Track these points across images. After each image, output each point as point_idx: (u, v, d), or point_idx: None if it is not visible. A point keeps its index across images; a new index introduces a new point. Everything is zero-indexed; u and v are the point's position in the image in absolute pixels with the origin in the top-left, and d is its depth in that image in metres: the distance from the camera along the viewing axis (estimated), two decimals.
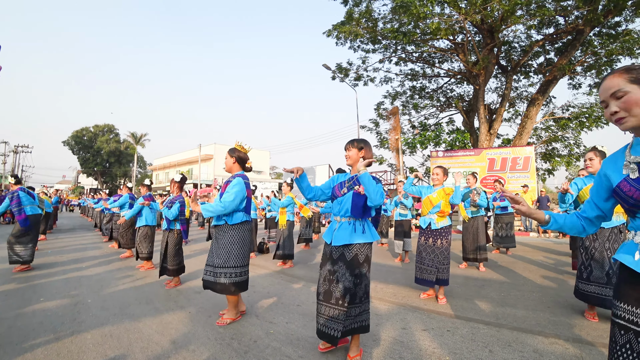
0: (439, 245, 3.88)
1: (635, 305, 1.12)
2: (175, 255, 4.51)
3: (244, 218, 3.18)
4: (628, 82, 1.12)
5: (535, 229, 11.92)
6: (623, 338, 1.14)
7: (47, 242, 8.92)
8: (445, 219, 3.96)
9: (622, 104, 1.13)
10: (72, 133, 46.72)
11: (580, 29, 12.89)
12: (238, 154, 3.27)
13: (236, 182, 3.12)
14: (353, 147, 2.48)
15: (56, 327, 2.99)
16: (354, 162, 2.49)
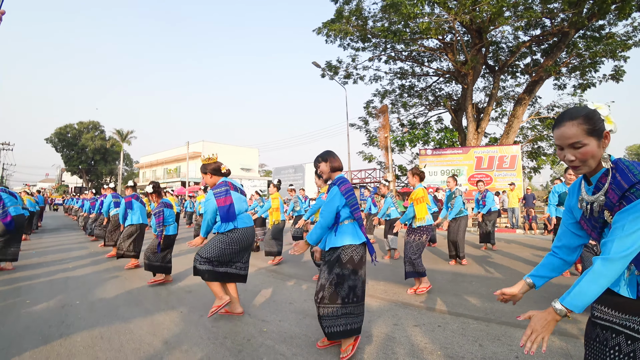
0: (411, 240, 4.18)
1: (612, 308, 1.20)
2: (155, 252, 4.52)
3: (230, 227, 3.21)
4: (586, 135, 1.15)
5: (521, 226, 12.18)
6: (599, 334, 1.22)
7: (30, 243, 8.70)
8: (423, 219, 4.17)
9: (580, 154, 1.17)
10: (55, 130, 45.58)
11: (566, 31, 13.20)
12: (211, 168, 3.35)
13: (206, 197, 3.32)
14: (320, 162, 2.66)
15: (44, 331, 2.93)
16: (327, 174, 2.65)
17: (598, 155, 1.17)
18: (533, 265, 5.83)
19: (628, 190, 1.09)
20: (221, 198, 3.21)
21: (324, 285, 2.42)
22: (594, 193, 1.22)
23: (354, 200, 2.55)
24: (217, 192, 3.24)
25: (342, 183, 2.54)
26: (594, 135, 1.16)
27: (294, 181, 26.71)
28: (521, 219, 12.47)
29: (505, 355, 2.44)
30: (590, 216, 1.26)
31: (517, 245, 8.47)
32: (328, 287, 2.41)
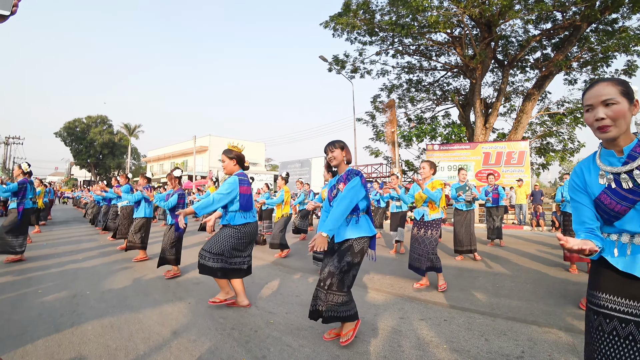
0: (429, 236, 4.06)
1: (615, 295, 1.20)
2: (171, 247, 4.57)
3: (244, 220, 3.21)
4: (620, 94, 1.16)
5: (528, 222, 12.08)
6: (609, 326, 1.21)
7: (41, 235, 8.86)
8: (437, 211, 4.10)
9: (612, 112, 1.17)
10: (64, 124, 46.13)
11: (578, 24, 12.94)
12: (236, 154, 3.28)
13: (230, 179, 3.19)
14: (336, 148, 2.58)
15: (56, 319, 3.00)
16: (339, 162, 2.59)
17: (628, 119, 1.18)
18: (539, 262, 5.82)
19: None
20: (245, 186, 3.21)
21: (334, 273, 2.45)
22: (626, 163, 1.19)
23: (367, 193, 2.58)
24: (242, 180, 3.20)
25: (361, 175, 2.55)
26: (627, 97, 1.17)
27: (301, 175, 26.74)
28: (528, 215, 12.37)
29: (511, 350, 2.44)
30: (619, 187, 1.21)
31: (523, 241, 8.42)
32: (338, 274, 2.44)
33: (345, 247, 2.50)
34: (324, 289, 2.46)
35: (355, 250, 2.48)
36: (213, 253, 3.12)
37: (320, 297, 2.48)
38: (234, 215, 3.20)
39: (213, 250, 3.12)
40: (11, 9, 1.04)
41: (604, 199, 1.25)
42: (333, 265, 2.47)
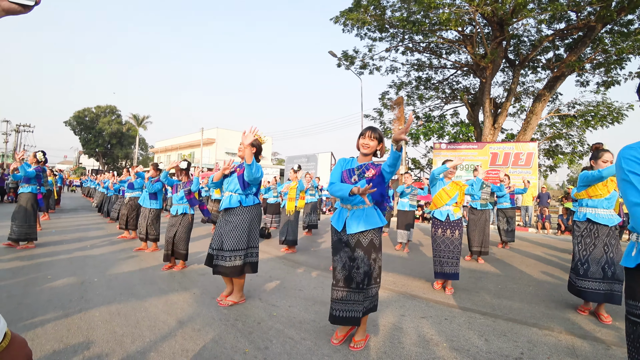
0: (457, 237, 3.93)
1: None
2: (186, 240, 4.58)
3: (257, 201, 3.28)
4: None
5: (534, 224, 12.00)
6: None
7: (50, 222, 9.03)
8: (460, 210, 4.04)
9: None
10: (74, 113, 46.66)
11: (592, 25, 12.71)
12: (257, 142, 3.22)
13: (258, 166, 3.17)
14: (375, 138, 2.46)
15: (65, 305, 3.08)
16: (371, 152, 2.49)
17: None
18: (544, 264, 5.80)
19: None
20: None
21: (369, 273, 2.39)
22: None
23: None
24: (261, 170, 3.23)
25: None
26: None
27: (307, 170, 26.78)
28: (534, 217, 12.29)
29: (511, 351, 2.46)
30: None
31: (528, 243, 8.39)
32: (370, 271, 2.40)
33: (369, 240, 2.40)
34: (363, 290, 2.37)
35: (376, 244, 2.43)
36: (255, 247, 3.19)
37: (358, 299, 2.36)
38: (246, 197, 3.20)
39: (255, 244, 3.19)
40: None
41: None
42: (367, 265, 2.38)
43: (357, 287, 2.37)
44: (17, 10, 1.02)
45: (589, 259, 3.25)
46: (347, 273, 2.40)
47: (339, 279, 2.42)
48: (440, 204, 4.03)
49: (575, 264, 3.36)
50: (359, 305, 2.37)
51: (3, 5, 1.00)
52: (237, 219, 3.17)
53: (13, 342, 0.82)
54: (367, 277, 2.38)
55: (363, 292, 2.37)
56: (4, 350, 0.78)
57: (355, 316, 2.36)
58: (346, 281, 2.40)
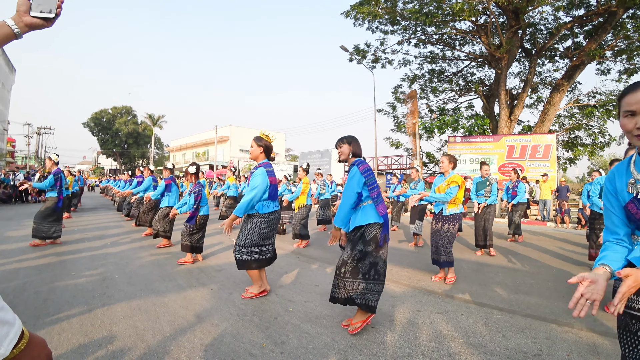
0: (445, 230, 4.10)
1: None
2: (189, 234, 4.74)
3: (274, 208, 3.33)
4: None
5: (552, 219, 11.72)
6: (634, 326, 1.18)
7: (72, 221, 9.32)
8: (456, 206, 4.10)
9: None
10: (91, 115, 47.80)
11: (613, 10, 12.20)
12: (265, 143, 3.34)
13: (259, 172, 3.24)
14: (344, 144, 2.79)
15: (88, 300, 3.19)
16: (346, 156, 2.79)
17: None
18: (562, 259, 5.67)
19: None
20: (272, 176, 3.29)
21: (346, 261, 2.58)
22: None
23: (372, 180, 2.63)
24: (269, 170, 3.28)
25: (360, 163, 2.66)
26: None
27: (321, 166, 26.79)
28: (553, 211, 12.00)
29: (529, 348, 2.43)
30: None
31: (546, 238, 8.20)
32: (350, 262, 2.56)
33: (357, 235, 2.61)
34: (340, 277, 2.59)
35: (367, 237, 2.56)
36: (246, 246, 3.23)
37: (339, 284, 2.60)
38: (263, 204, 3.26)
39: (246, 243, 3.23)
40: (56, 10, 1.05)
41: (631, 208, 1.22)
42: (346, 254, 2.61)
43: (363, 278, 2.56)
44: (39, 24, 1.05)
45: None
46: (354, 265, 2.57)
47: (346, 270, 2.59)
48: None
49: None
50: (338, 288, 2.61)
51: (26, 21, 1.03)
52: (253, 221, 3.29)
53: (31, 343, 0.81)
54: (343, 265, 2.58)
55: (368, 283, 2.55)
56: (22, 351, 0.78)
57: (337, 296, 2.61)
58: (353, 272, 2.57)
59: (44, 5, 1.04)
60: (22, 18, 1.03)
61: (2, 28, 1.01)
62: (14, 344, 0.75)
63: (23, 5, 1.03)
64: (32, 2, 1.04)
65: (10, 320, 0.76)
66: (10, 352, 0.75)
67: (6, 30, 1.01)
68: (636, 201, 1.20)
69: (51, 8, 1.05)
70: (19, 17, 1.02)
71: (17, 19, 1.02)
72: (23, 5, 1.03)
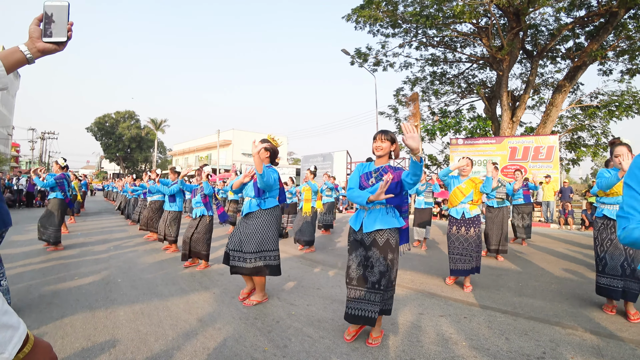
0: (472, 234, 3.91)
1: None
2: (205, 241, 4.68)
3: (275, 203, 3.32)
4: None
5: (556, 220, 11.66)
6: None
7: (76, 225, 9.36)
8: (477, 207, 4.02)
9: None
10: (95, 119, 48.22)
11: (614, 11, 12.19)
12: (271, 146, 3.30)
13: (271, 170, 3.23)
14: (386, 140, 2.51)
15: (91, 304, 3.20)
16: (385, 153, 2.53)
17: None
18: (567, 261, 5.64)
19: None
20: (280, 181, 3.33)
21: (384, 272, 2.38)
22: None
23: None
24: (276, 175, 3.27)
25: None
26: None
27: (323, 169, 26.80)
28: (556, 213, 11.93)
29: (532, 351, 2.42)
30: None
31: (550, 240, 8.16)
32: (387, 273, 2.39)
33: (384, 242, 2.42)
34: (379, 291, 2.37)
35: (392, 245, 2.43)
36: (276, 249, 3.24)
37: (374, 300, 2.37)
38: (265, 201, 3.23)
39: (275, 247, 3.24)
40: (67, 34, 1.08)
41: None
42: (382, 265, 2.39)
43: (372, 287, 2.39)
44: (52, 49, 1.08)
45: (606, 255, 3.17)
46: (361, 272, 2.45)
47: (352, 277, 2.47)
48: (456, 202, 4.02)
49: (595, 260, 3.31)
50: (374, 305, 2.37)
51: (39, 47, 1.06)
52: (256, 222, 3.23)
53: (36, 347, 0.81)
54: (382, 278, 2.38)
55: (379, 293, 2.38)
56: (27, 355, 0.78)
57: (370, 316, 2.37)
58: (360, 280, 2.43)
59: (55, 30, 1.08)
60: (35, 44, 1.06)
61: (15, 54, 1.04)
62: (18, 348, 0.76)
63: (35, 31, 1.06)
64: (44, 28, 1.07)
65: (14, 324, 0.76)
66: (14, 357, 0.75)
67: (19, 56, 1.04)
68: None
69: (63, 32, 1.08)
70: (32, 43, 1.06)
71: (30, 44, 1.06)
72: (35, 32, 1.06)
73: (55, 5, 1.07)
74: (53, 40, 1.07)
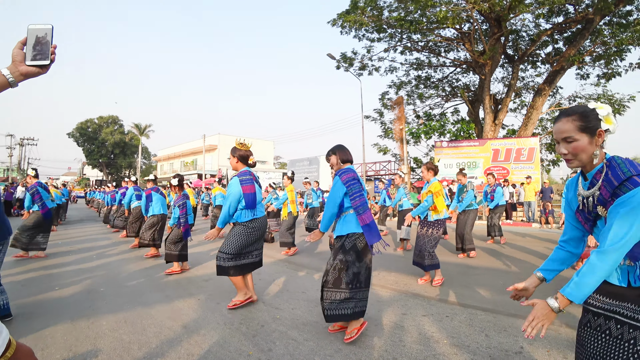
0: (429, 234, 4.24)
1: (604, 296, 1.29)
2: (176, 242, 4.72)
3: (251, 216, 3.34)
4: (578, 131, 1.23)
5: (537, 219, 11.96)
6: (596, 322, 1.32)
7: (58, 234, 9.15)
8: (439, 212, 4.23)
9: (572, 148, 1.26)
10: (76, 125, 47.04)
11: (590, 17, 12.67)
12: (239, 153, 3.41)
13: (232, 182, 3.34)
14: (331, 155, 2.88)
15: (73, 314, 3.15)
16: (337, 166, 2.86)
17: (589, 151, 1.24)
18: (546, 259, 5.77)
19: (617, 187, 1.15)
20: (247, 185, 3.31)
21: (328, 271, 2.62)
22: (589, 188, 1.29)
23: (355, 189, 2.64)
24: (244, 179, 3.32)
25: (343, 173, 2.69)
26: (586, 132, 1.23)
27: (309, 173, 26.86)
28: (537, 212, 12.24)
29: (511, 346, 2.49)
30: (584, 209, 1.32)
31: (531, 239, 8.37)
32: (332, 272, 2.59)
33: (338, 244, 2.66)
34: (322, 287, 2.62)
35: (347, 247, 2.60)
36: (227, 253, 3.25)
37: (323, 296, 2.60)
38: (241, 213, 3.33)
39: (226, 250, 3.26)
40: (50, 57, 1.09)
41: (578, 217, 1.39)
42: (329, 264, 2.65)
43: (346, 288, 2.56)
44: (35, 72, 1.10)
45: None
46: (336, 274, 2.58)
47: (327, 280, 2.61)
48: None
49: None
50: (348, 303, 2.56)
51: (22, 70, 1.07)
52: (233, 229, 3.39)
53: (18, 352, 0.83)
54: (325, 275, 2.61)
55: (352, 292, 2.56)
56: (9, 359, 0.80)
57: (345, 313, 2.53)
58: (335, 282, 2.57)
59: (39, 54, 1.08)
60: (18, 67, 1.06)
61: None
62: (0, 353, 0.77)
63: (18, 55, 1.06)
64: (27, 51, 1.07)
65: None
66: None
67: (1, 80, 1.04)
68: (579, 211, 1.36)
69: (46, 55, 1.08)
70: (14, 66, 1.06)
71: (13, 68, 1.06)
72: (18, 56, 1.06)
73: (39, 28, 1.08)
74: (37, 63, 1.08)
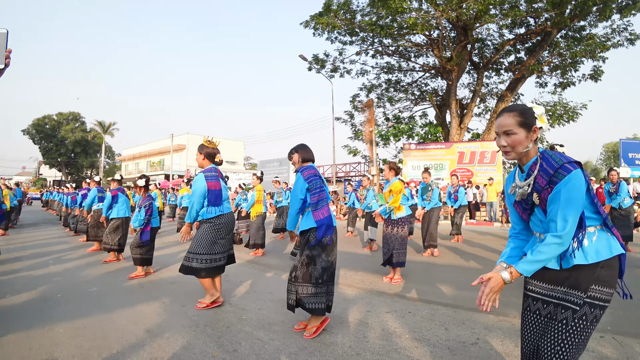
0: (394, 233, 4.35)
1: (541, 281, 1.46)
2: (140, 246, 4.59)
3: (217, 212, 3.31)
4: (517, 125, 1.39)
5: (499, 219, 12.59)
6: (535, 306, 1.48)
7: (9, 238, 8.54)
8: (402, 210, 4.38)
9: (510, 141, 1.41)
10: (33, 121, 44.04)
11: (549, 30, 13.55)
12: (206, 150, 3.40)
13: (197, 178, 3.33)
14: (294, 154, 2.95)
15: (26, 323, 2.97)
16: (298, 165, 2.94)
17: (525, 144, 1.39)
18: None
19: (553, 175, 1.31)
20: (212, 181, 3.29)
21: (297, 266, 2.70)
22: (526, 179, 1.44)
23: (316, 185, 2.73)
24: (209, 175, 3.30)
25: (305, 169, 2.78)
26: (524, 127, 1.38)
27: (279, 174, 26.72)
28: (499, 212, 12.89)
29: (468, 338, 2.64)
30: (521, 199, 1.47)
31: (492, 237, 8.81)
32: (300, 267, 2.67)
33: (304, 240, 2.75)
34: (292, 282, 2.72)
35: (311, 242, 2.69)
36: (195, 253, 3.20)
37: (291, 290, 2.71)
38: (207, 209, 3.30)
39: (196, 250, 3.21)
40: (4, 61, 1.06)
41: (516, 208, 1.53)
42: (296, 259, 2.74)
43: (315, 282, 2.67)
44: None
45: None
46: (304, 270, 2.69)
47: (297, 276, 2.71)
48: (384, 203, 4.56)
49: None
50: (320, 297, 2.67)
51: None
52: (200, 228, 3.36)
53: None
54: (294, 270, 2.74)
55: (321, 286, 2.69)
56: None
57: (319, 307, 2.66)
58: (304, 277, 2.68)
59: None
60: None
61: None
62: None
63: None
64: None
65: None
66: None
67: None
68: (517, 203, 1.50)
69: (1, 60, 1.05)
70: None
71: None
72: None
73: None
74: None
